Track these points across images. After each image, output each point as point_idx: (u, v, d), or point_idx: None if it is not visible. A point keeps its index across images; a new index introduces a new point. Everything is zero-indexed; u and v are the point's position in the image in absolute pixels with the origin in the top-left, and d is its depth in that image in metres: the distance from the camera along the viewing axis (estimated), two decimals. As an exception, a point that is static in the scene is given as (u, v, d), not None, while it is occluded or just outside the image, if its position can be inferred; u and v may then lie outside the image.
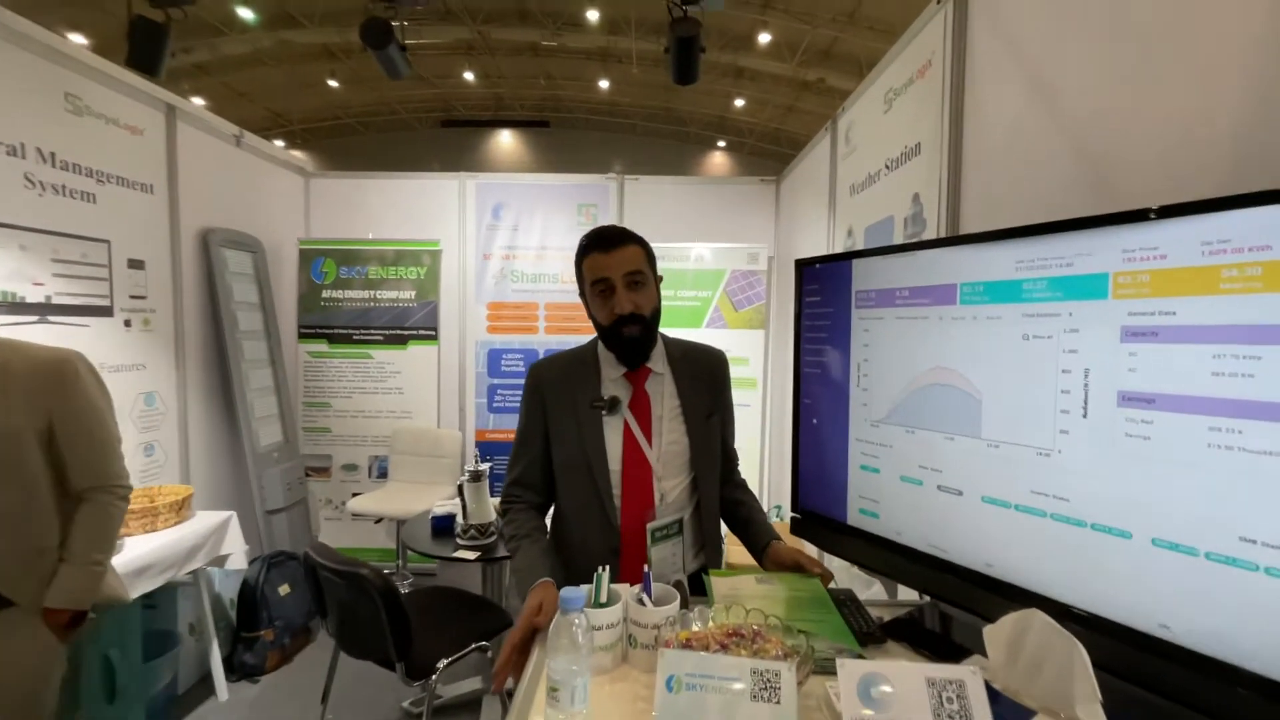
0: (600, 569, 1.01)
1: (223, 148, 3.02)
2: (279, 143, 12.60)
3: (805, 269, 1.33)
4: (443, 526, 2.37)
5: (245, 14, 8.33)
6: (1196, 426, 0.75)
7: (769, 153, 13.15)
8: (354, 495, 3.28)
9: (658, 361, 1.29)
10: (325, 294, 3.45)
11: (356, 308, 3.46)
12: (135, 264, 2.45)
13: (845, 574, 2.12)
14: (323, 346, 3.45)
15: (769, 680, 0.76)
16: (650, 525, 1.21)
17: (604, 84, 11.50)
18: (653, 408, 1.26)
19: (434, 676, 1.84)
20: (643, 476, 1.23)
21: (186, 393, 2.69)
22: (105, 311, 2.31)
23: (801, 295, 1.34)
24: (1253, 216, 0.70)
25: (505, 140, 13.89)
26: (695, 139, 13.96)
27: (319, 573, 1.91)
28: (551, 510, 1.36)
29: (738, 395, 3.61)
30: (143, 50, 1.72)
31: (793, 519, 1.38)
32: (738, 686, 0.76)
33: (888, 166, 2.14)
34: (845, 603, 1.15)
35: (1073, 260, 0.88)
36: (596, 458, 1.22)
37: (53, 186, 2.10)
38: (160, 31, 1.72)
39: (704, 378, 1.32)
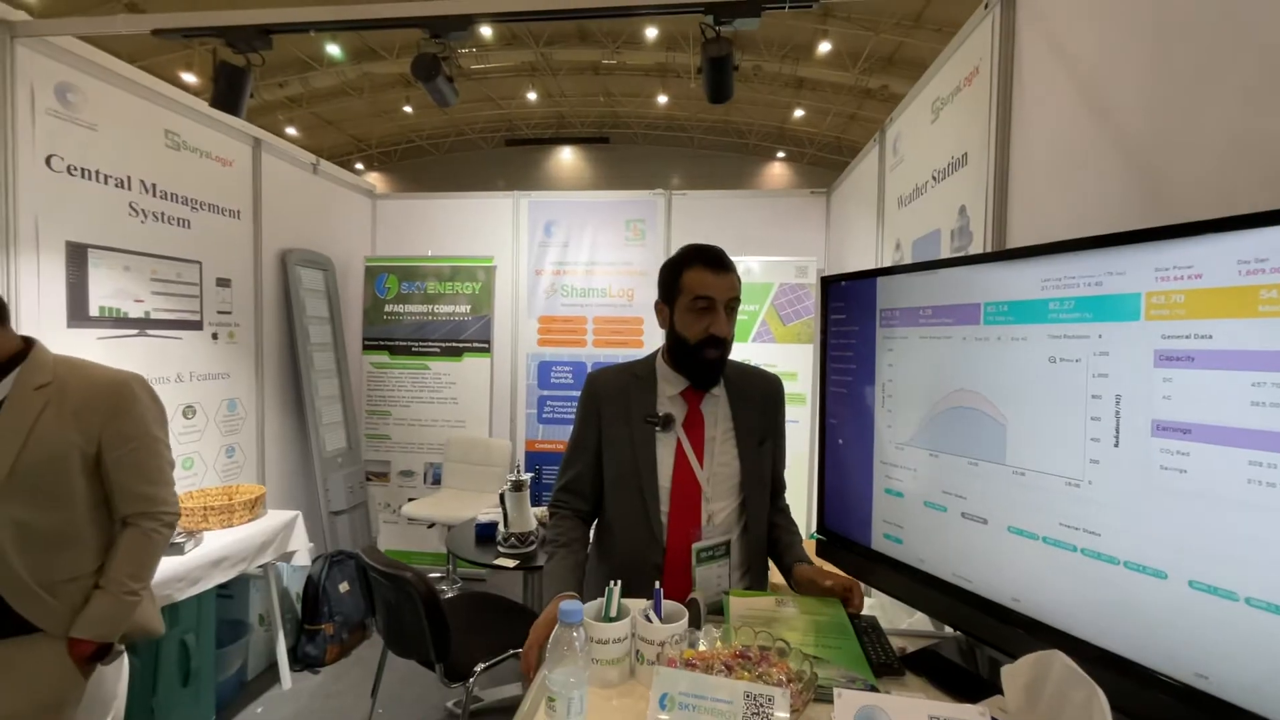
0: (612, 584, 1.03)
1: (301, 175, 3.30)
2: (359, 165, 13.61)
3: (830, 286, 1.31)
4: (486, 534, 2.45)
5: (333, 50, 9.05)
6: (1237, 460, 0.69)
7: (829, 162, 12.89)
8: (409, 500, 3.45)
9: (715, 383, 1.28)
10: (388, 308, 3.67)
11: (415, 321, 3.66)
12: (223, 282, 2.71)
13: (892, 601, 2.03)
14: (384, 358, 3.67)
15: (762, 705, 0.75)
16: (696, 545, 1.20)
17: (662, 99, 11.66)
18: (706, 428, 1.26)
19: (471, 679, 1.91)
20: (692, 496, 1.23)
21: (264, 400, 2.93)
22: (195, 325, 2.56)
23: (827, 313, 1.32)
24: (1294, 233, 0.65)
25: (566, 157, 14.31)
26: (754, 150, 13.87)
27: (369, 574, 2.03)
28: (597, 521, 1.37)
29: (787, 412, 3.54)
30: (226, 93, 1.92)
31: (818, 540, 1.35)
32: (730, 708, 0.76)
33: (934, 178, 2.07)
34: (867, 630, 1.11)
35: (1102, 279, 0.83)
36: (647, 473, 1.22)
37: (153, 214, 2.37)
38: (241, 75, 1.91)
39: (759, 402, 1.30)
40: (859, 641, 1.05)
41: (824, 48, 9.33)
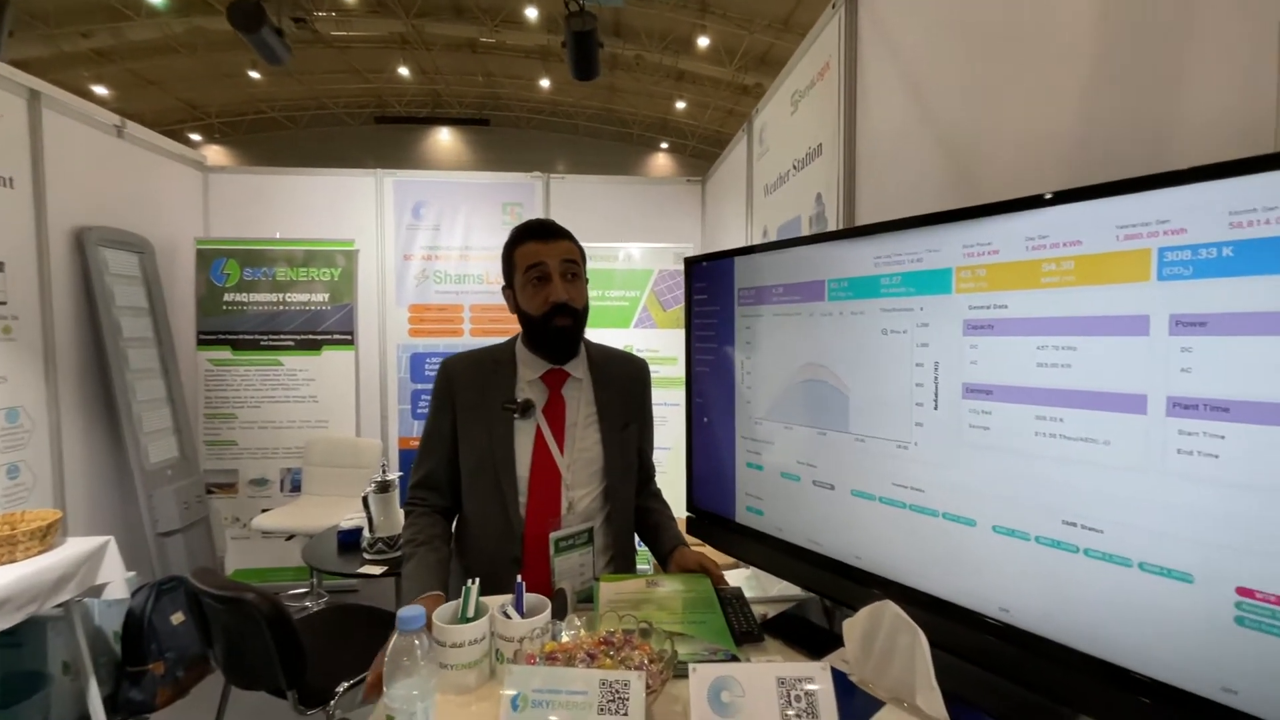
0: (469, 582, 0.97)
1: (101, 139, 2.78)
2: (194, 136, 11.88)
3: (694, 267, 1.32)
4: (350, 541, 2.25)
5: (151, -3, 7.78)
6: (1026, 416, 0.77)
7: (710, 155, 13.30)
8: (264, 511, 3.09)
9: (577, 366, 1.25)
10: (228, 297, 3.23)
11: (263, 312, 3.26)
12: (-9, 265, 2.21)
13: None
14: (226, 354, 3.23)
15: (618, 691, 0.73)
16: (554, 535, 1.17)
17: (545, 83, 11.37)
18: (568, 414, 1.22)
19: (332, 702, 1.74)
20: (551, 484, 1.19)
21: (59, 407, 2.45)
22: (-49, 319, 2.07)
23: (691, 294, 1.33)
24: (1066, 213, 0.73)
25: (444, 139, 13.52)
26: (638, 140, 14.00)
27: (201, 600, 1.77)
28: (457, 517, 1.30)
29: (667, 395, 3.58)
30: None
31: (688, 518, 1.37)
32: (585, 699, 0.73)
33: (795, 167, 2.18)
34: (731, 601, 1.14)
35: (922, 255, 0.89)
36: (504, 462, 1.17)
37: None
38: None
39: (624, 386, 1.28)
40: (724, 614, 1.07)
41: (703, 42, 9.59)
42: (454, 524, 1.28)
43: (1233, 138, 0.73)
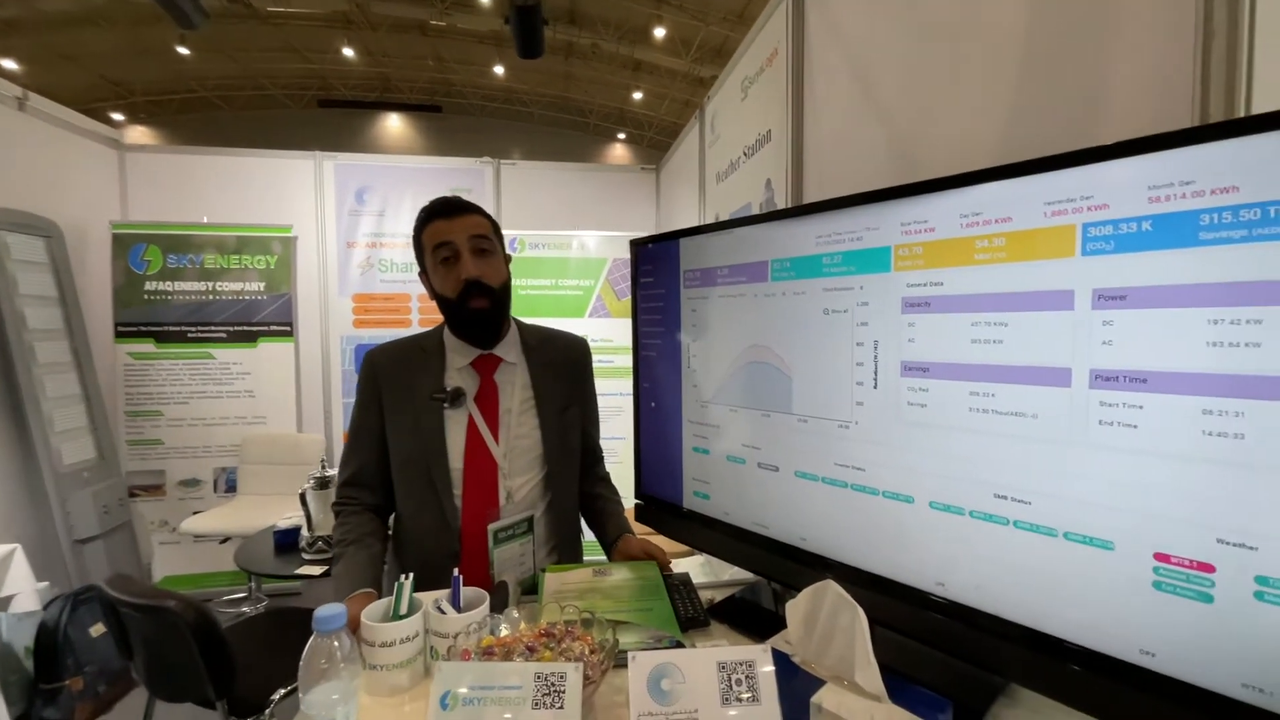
0: (402, 578, 0.92)
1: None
2: (117, 116, 11.06)
3: (639, 249, 1.29)
4: (287, 542, 2.14)
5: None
6: (961, 392, 0.78)
7: (667, 146, 13.30)
8: (195, 514, 2.91)
9: (510, 350, 1.20)
10: (150, 286, 3.01)
11: (191, 301, 3.05)
12: None
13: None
14: (149, 346, 3.02)
15: (553, 684, 0.70)
16: (492, 526, 1.12)
17: (499, 70, 11.09)
18: (501, 400, 1.17)
19: (267, 710, 1.65)
20: (487, 474, 1.14)
21: (-47, 405, 2.23)
22: None
23: (637, 277, 1.30)
24: (998, 189, 0.73)
25: (394, 125, 13.03)
26: (595, 130, 13.84)
27: (119, 609, 1.65)
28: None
29: (622, 385, 3.55)
30: None
31: (636, 505, 1.35)
32: (519, 694, 0.70)
33: (745, 154, 2.18)
34: (678, 587, 1.13)
35: (862, 234, 0.89)
36: (435, 454, 1.12)
37: None
38: None
39: (562, 367, 1.25)
40: (670, 600, 1.06)
41: (659, 33, 9.54)
42: (389, 521, 1.22)
43: (1153, 117, 0.75)
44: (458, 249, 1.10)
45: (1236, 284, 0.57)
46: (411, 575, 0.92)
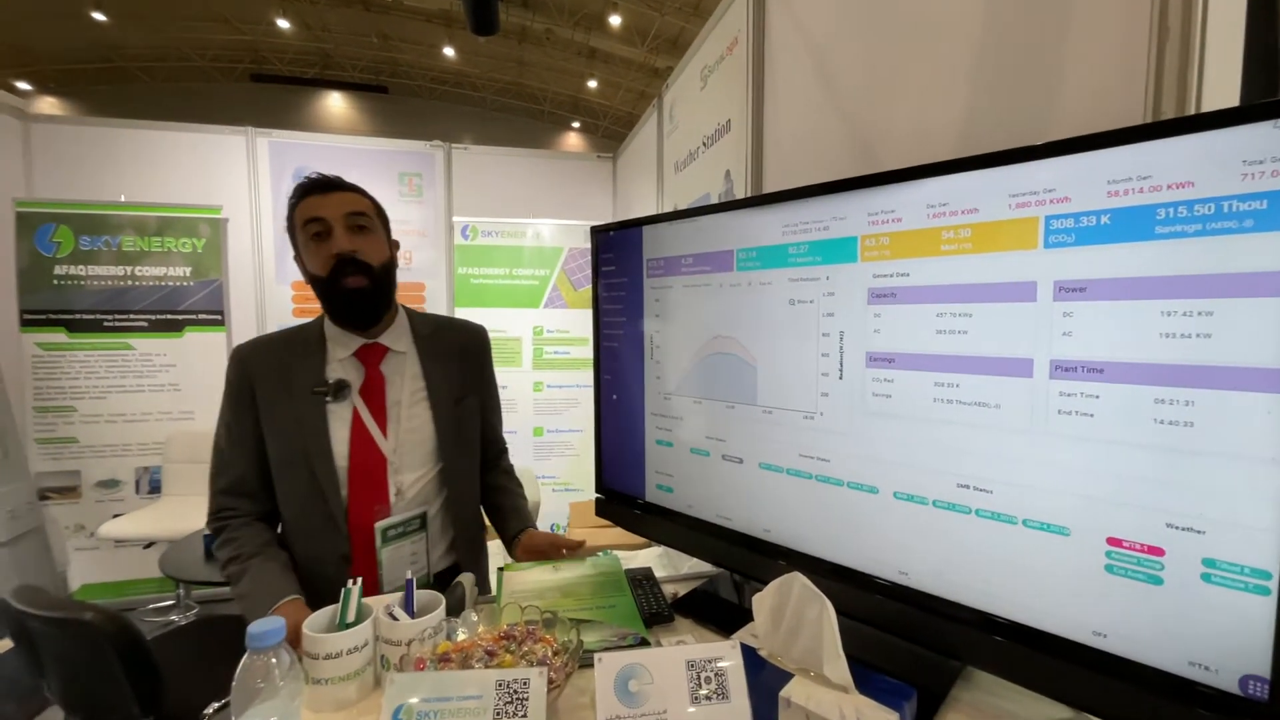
0: (351, 582, 0.86)
1: None
2: (23, 85, 10.08)
3: (601, 237, 1.25)
4: (221, 544, 2.00)
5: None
6: (925, 383, 0.78)
7: (623, 136, 13.21)
8: (115, 517, 2.69)
9: (399, 339, 1.14)
10: (60, 270, 2.74)
11: (107, 287, 2.80)
12: None
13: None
14: (60, 336, 2.76)
15: (516, 691, 0.67)
16: (380, 524, 1.06)
17: (449, 51, 10.70)
18: (389, 392, 1.11)
19: (199, 725, 1.53)
20: (374, 470, 1.08)
21: None
22: None
23: (598, 266, 1.26)
24: (965, 180, 0.74)
25: (335, 103, 12.39)
26: (549, 118, 13.59)
27: (26, 623, 1.50)
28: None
29: (578, 377, 3.49)
30: None
31: (597, 499, 1.32)
32: (480, 704, 0.66)
33: (704, 144, 2.16)
34: (641, 582, 1.11)
35: (829, 224, 0.88)
36: (319, 451, 1.05)
37: None
38: None
39: (457, 356, 1.19)
40: (633, 595, 1.04)
41: (615, 20, 9.42)
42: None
43: (1110, 112, 0.77)
44: (330, 224, 1.03)
45: (1189, 277, 0.59)
46: (360, 580, 0.87)
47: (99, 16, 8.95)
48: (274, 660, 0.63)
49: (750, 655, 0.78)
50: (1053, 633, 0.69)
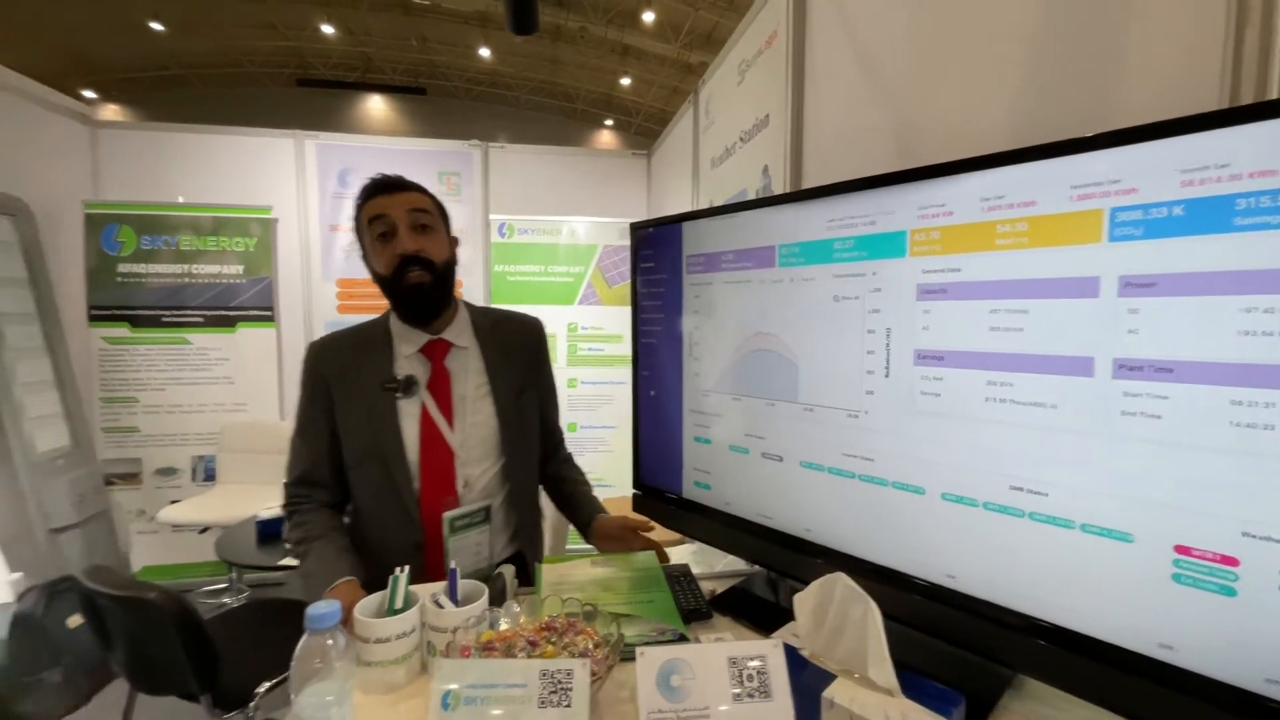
0: (398, 570, 0.88)
1: (-41, 83, 2.41)
2: (88, 94, 10.67)
3: (639, 233, 1.25)
4: (271, 531, 2.09)
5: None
6: (977, 381, 0.76)
7: (655, 133, 13.17)
8: (172, 503, 2.83)
9: (461, 334, 1.16)
10: (123, 268, 2.90)
11: (166, 285, 2.95)
12: None
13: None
14: (123, 331, 2.91)
15: (560, 682, 0.68)
16: (448, 515, 1.09)
17: (485, 52, 10.86)
18: (454, 386, 1.14)
19: (252, 704, 1.61)
20: (443, 462, 1.11)
21: (-83, 391, 2.13)
22: None
23: (637, 263, 1.27)
24: (1022, 172, 0.71)
25: (376, 106, 12.73)
26: (582, 116, 13.65)
27: (96, 601, 1.59)
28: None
29: (612, 374, 3.51)
30: None
31: (634, 495, 1.32)
32: (525, 692, 0.67)
33: (741, 139, 2.14)
34: (678, 578, 1.11)
35: (876, 218, 0.86)
36: (392, 446, 1.08)
37: None
38: None
39: (517, 350, 1.21)
40: (671, 592, 1.04)
41: (648, 17, 9.39)
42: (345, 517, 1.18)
43: (1178, 99, 0.73)
44: (395, 224, 1.06)
45: (1273, 271, 0.55)
46: (407, 568, 0.89)
47: (157, 26, 9.41)
48: (330, 642, 0.66)
49: (792, 655, 0.77)
50: (1114, 643, 0.66)
